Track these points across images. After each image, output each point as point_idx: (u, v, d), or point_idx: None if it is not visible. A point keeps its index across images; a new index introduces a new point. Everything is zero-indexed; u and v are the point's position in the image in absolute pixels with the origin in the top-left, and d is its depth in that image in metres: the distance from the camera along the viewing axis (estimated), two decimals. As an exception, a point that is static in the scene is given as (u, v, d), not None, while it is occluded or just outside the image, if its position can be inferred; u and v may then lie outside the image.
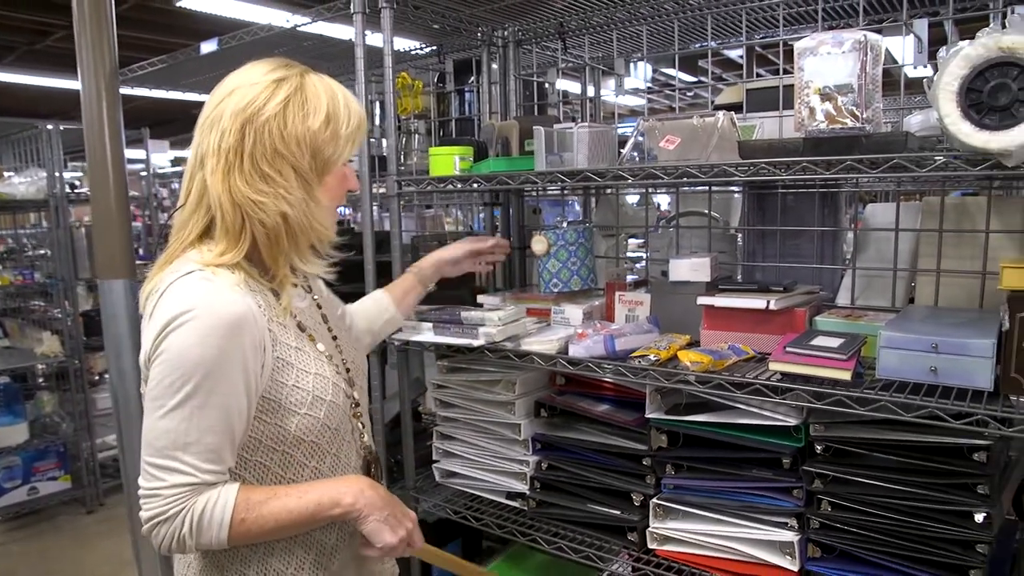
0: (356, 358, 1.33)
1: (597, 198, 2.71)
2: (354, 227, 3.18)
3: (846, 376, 1.35)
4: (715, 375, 1.49)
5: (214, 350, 1.02)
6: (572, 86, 3.81)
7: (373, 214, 2.04)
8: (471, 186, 2.02)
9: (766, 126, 1.88)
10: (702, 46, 2.26)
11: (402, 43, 2.59)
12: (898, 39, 1.88)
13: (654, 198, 3.19)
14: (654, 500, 1.67)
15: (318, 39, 2.45)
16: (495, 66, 2.46)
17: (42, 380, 4.43)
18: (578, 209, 2.95)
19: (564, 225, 2.01)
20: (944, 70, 1.19)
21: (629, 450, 1.71)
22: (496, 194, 2.53)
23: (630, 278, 2.13)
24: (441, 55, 2.61)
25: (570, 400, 1.86)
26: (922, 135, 1.49)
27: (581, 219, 2.78)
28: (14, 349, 4.43)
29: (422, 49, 2.62)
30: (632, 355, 1.62)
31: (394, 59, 1.96)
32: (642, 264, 2.45)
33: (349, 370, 1.27)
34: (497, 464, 1.95)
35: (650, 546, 1.68)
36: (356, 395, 1.27)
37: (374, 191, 2.20)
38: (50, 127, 4.07)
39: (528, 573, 2.21)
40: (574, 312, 1.92)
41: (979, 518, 1.32)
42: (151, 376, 1.04)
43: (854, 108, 1.33)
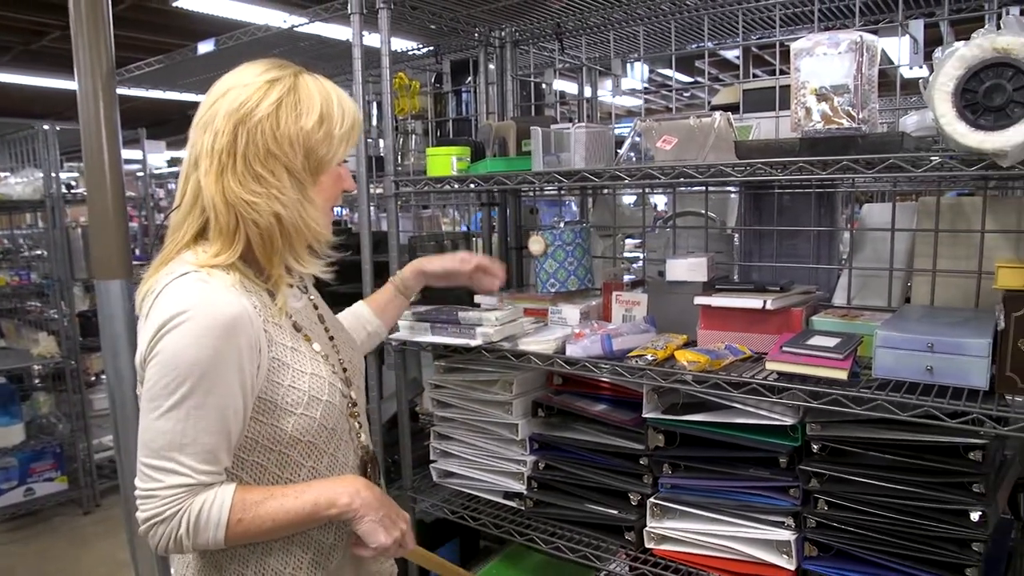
0: (353, 358, 1.33)
1: (594, 198, 2.72)
2: (351, 227, 3.18)
3: (842, 375, 1.36)
4: (712, 375, 1.49)
5: (209, 351, 1.02)
6: (569, 87, 3.81)
7: (370, 214, 2.04)
8: (468, 186, 2.02)
9: (763, 126, 1.89)
10: (699, 47, 2.26)
11: (399, 43, 2.59)
12: (894, 40, 1.88)
13: (651, 198, 3.19)
14: (651, 500, 1.68)
15: (315, 39, 2.45)
16: (492, 66, 2.46)
17: (38, 381, 4.41)
18: (575, 209, 2.95)
19: (561, 225, 2.01)
20: (940, 71, 1.20)
21: (626, 450, 1.71)
22: (492, 194, 2.53)
23: (627, 278, 2.14)
24: (438, 55, 2.61)
25: (567, 400, 1.87)
26: (918, 135, 1.50)
27: (578, 219, 2.78)
28: (10, 350, 4.42)
29: (419, 49, 2.62)
30: (629, 355, 1.62)
31: (391, 59, 1.96)
32: (639, 264, 2.46)
33: (346, 370, 1.28)
34: (494, 464, 1.95)
35: (647, 545, 1.68)
36: (353, 395, 1.27)
37: (371, 191, 2.19)
38: (46, 127, 4.06)
39: (525, 573, 2.22)
40: (571, 312, 1.92)
41: (975, 516, 1.32)
42: (147, 377, 1.05)
43: (850, 108, 1.33)
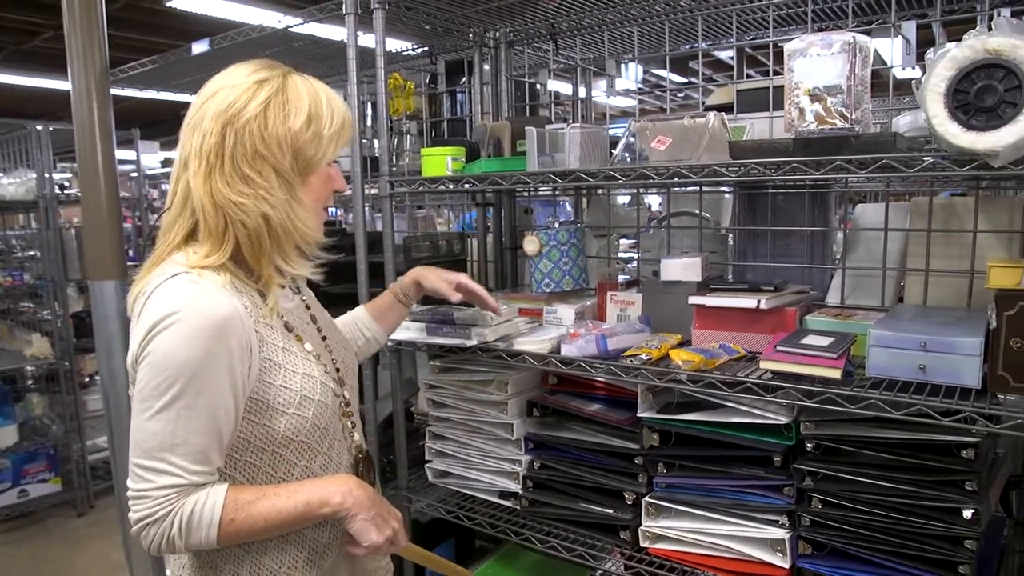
0: (346, 358, 1.34)
1: (589, 198, 2.72)
2: (346, 228, 3.18)
3: (836, 374, 1.37)
4: (706, 374, 1.50)
5: (200, 352, 1.03)
6: (563, 87, 3.81)
7: (365, 215, 2.04)
8: (463, 187, 2.02)
9: (756, 127, 1.89)
10: (693, 47, 2.27)
11: (394, 44, 2.59)
12: (887, 41, 1.89)
13: (645, 198, 3.20)
14: (646, 499, 1.68)
15: (309, 40, 2.45)
16: (487, 67, 2.47)
17: (32, 382, 4.40)
18: (569, 209, 2.95)
19: (556, 225, 2.01)
20: (932, 72, 1.21)
21: (621, 449, 1.72)
22: (486, 194, 2.53)
23: (622, 278, 2.14)
24: (433, 56, 2.61)
25: (562, 399, 1.87)
26: (911, 136, 1.50)
27: (573, 219, 2.78)
28: (3, 351, 4.40)
29: (414, 50, 2.63)
30: (624, 354, 1.62)
31: (386, 60, 1.96)
32: (633, 264, 2.46)
33: (339, 369, 1.28)
34: (490, 464, 1.95)
35: (642, 544, 1.69)
36: (346, 394, 1.27)
37: (366, 192, 2.19)
38: (39, 127, 4.04)
39: (521, 572, 2.22)
40: (566, 312, 1.92)
41: (967, 514, 1.33)
42: (138, 378, 1.05)
43: (843, 109, 1.34)
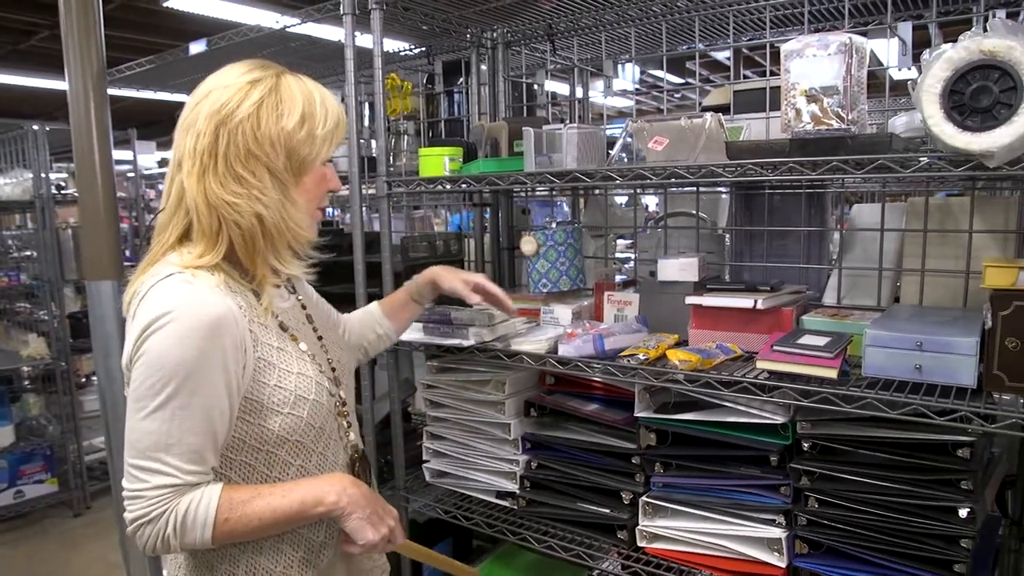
0: (342, 358, 1.34)
1: (586, 199, 2.73)
2: (343, 228, 3.18)
3: (832, 374, 1.37)
4: (703, 374, 1.50)
5: (194, 351, 1.03)
6: (561, 87, 3.82)
7: (363, 215, 2.04)
8: (460, 187, 2.03)
9: (753, 127, 1.90)
10: (690, 48, 2.27)
11: (391, 44, 2.59)
12: (883, 42, 1.90)
13: (642, 199, 3.21)
14: (643, 498, 1.68)
15: (306, 40, 2.45)
16: (484, 67, 2.47)
17: (28, 383, 4.38)
18: (567, 210, 2.96)
19: (553, 226, 2.02)
20: (927, 72, 1.21)
21: (618, 449, 1.72)
22: (483, 194, 2.53)
23: (619, 278, 2.15)
24: (430, 56, 2.61)
25: (559, 399, 1.87)
26: (907, 136, 1.51)
27: (570, 220, 2.79)
28: (0, 351, 4.39)
29: (411, 50, 2.63)
30: (621, 354, 1.63)
31: (383, 60, 1.96)
32: (631, 264, 2.47)
33: (335, 369, 1.28)
34: (487, 463, 1.95)
35: (639, 544, 1.69)
36: (342, 394, 1.27)
37: (363, 192, 2.19)
38: (36, 128, 4.03)
39: (518, 572, 2.22)
40: (563, 312, 1.93)
41: (963, 513, 1.34)
42: (133, 378, 1.05)
43: (840, 110, 1.34)
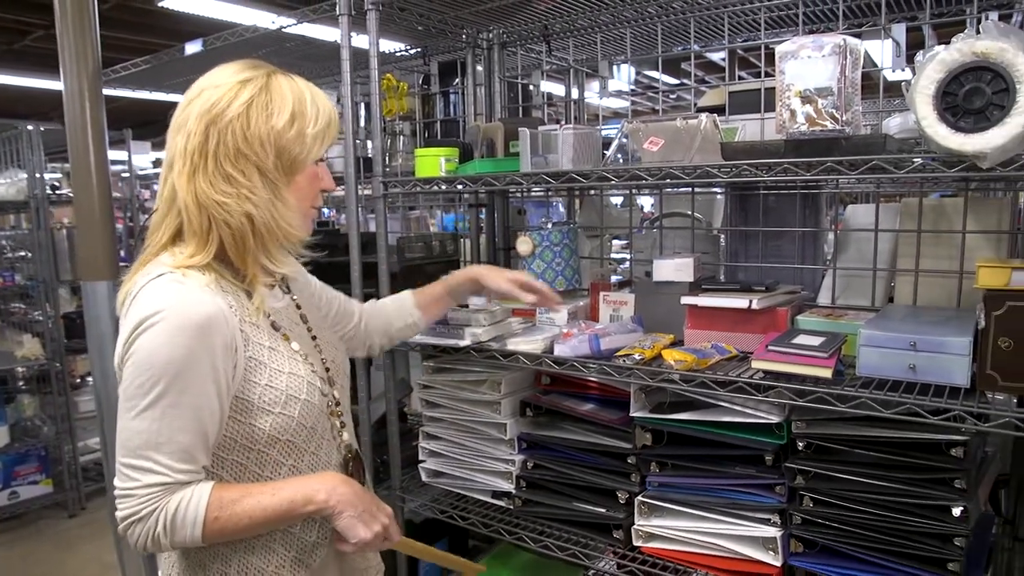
0: (337, 357, 1.34)
1: (581, 199, 2.73)
2: (338, 228, 3.18)
3: (827, 374, 1.38)
4: (699, 373, 1.51)
5: (183, 350, 1.03)
6: (556, 88, 3.82)
7: (359, 215, 2.04)
8: (456, 187, 2.03)
9: (748, 128, 1.90)
10: (685, 49, 2.28)
11: (387, 45, 2.59)
12: (877, 43, 1.91)
13: (638, 199, 3.21)
14: (639, 498, 1.69)
15: (302, 40, 2.45)
16: (480, 68, 2.47)
17: (23, 383, 4.37)
18: (562, 210, 2.96)
19: (549, 226, 2.02)
20: (921, 74, 1.22)
21: (614, 448, 1.72)
22: (479, 195, 2.54)
23: (614, 278, 2.15)
24: (426, 57, 2.61)
25: (555, 399, 1.88)
26: (900, 137, 1.51)
27: (566, 220, 2.79)
28: (-6, 352, 4.39)
29: (407, 51, 2.63)
30: (617, 354, 1.63)
31: (379, 61, 1.96)
32: (626, 265, 2.47)
33: (329, 369, 1.28)
34: (483, 463, 1.95)
35: (635, 543, 1.69)
36: (336, 394, 1.27)
37: (359, 192, 2.20)
38: (30, 128, 4.02)
39: (514, 572, 2.22)
40: (559, 312, 1.93)
41: (956, 512, 1.34)
42: (123, 377, 1.06)
43: (834, 111, 1.35)
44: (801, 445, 1.50)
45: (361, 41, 1.96)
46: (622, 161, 1.79)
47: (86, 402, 4.44)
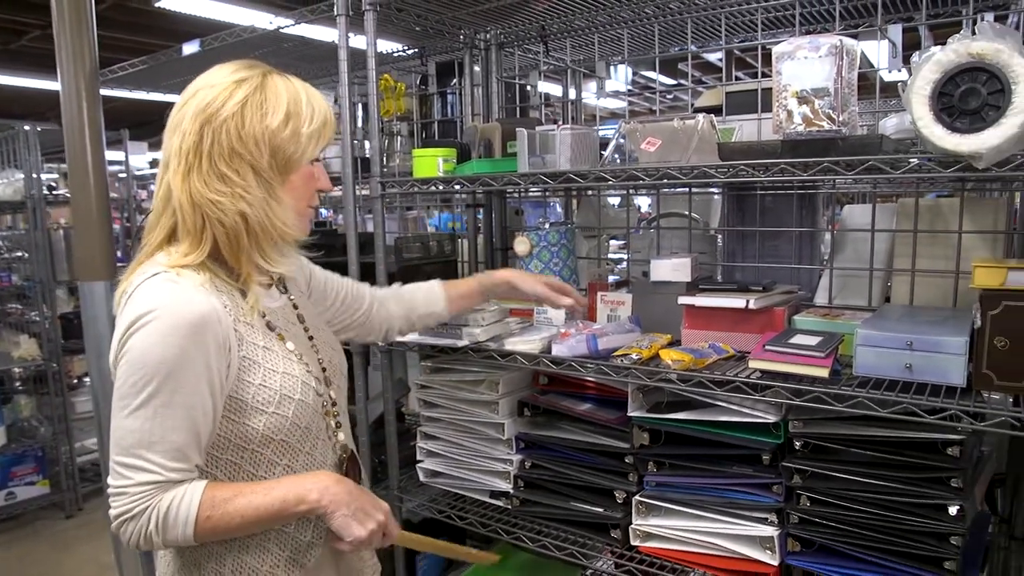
0: (334, 357, 1.34)
1: (579, 200, 2.73)
2: (336, 229, 3.18)
3: (824, 373, 1.38)
4: (696, 373, 1.51)
5: (176, 349, 1.04)
6: (554, 88, 3.82)
7: (356, 216, 2.04)
8: (454, 187, 2.03)
9: (745, 128, 1.91)
10: (682, 49, 2.28)
11: (385, 45, 2.59)
12: (873, 44, 1.92)
13: (635, 199, 3.22)
14: (636, 497, 1.69)
15: (300, 41, 2.45)
16: (477, 68, 2.47)
17: (19, 384, 4.36)
18: (560, 211, 2.96)
19: (546, 226, 2.02)
20: (917, 75, 1.22)
21: (612, 448, 1.73)
22: (477, 195, 2.54)
23: (612, 279, 2.15)
24: (424, 57, 2.61)
25: (553, 399, 1.88)
26: (897, 138, 1.52)
27: (563, 220, 2.80)
28: (-9, 352, 4.38)
29: (405, 51, 2.63)
30: (614, 354, 1.63)
31: (377, 61, 1.96)
32: (623, 265, 2.47)
33: (325, 369, 1.28)
34: (481, 463, 1.95)
35: (633, 543, 1.70)
36: (332, 394, 1.27)
37: (357, 193, 2.20)
38: (27, 128, 4.02)
39: (512, 571, 2.22)
40: (557, 312, 1.93)
41: (953, 511, 1.35)
42: (117, 376, 1.06)
43: (831, 111, 1.35)
44: (798, 444, 1.51)
45: (359, 42, 1.96)
46: (619, 161, 1.80)
47: (83, 403, 4.42)
